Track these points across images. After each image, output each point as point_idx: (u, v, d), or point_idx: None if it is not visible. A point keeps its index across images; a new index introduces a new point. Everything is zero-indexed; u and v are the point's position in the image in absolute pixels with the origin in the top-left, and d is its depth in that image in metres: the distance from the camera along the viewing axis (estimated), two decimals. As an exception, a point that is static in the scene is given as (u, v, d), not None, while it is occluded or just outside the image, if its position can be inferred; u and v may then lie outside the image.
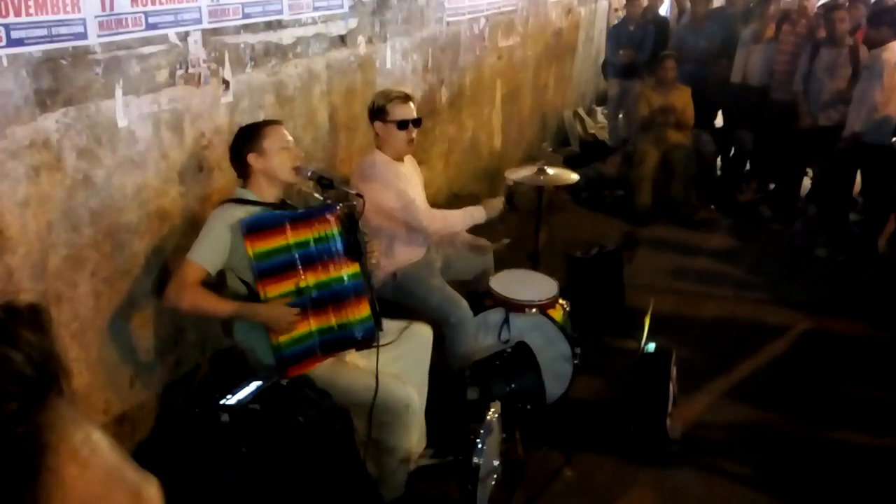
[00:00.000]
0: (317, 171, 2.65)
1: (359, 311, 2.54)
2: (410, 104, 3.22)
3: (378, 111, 3.20)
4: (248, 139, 2.57)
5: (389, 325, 2.74)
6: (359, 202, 2.58)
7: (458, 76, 5.24)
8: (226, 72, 2.95)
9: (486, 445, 2.51)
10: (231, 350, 2.70)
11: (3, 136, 2.13)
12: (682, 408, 3.40)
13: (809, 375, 3.84)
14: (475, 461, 2.46)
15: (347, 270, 2.52)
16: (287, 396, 2.29)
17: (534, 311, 3.39)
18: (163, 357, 2.89)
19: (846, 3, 5.88)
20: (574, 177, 3.89)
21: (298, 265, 2.46)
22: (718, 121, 7.05)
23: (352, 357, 2.67)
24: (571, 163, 6.28)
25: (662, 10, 8.30)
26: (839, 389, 3.72)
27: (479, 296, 3.52)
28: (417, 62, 4.61)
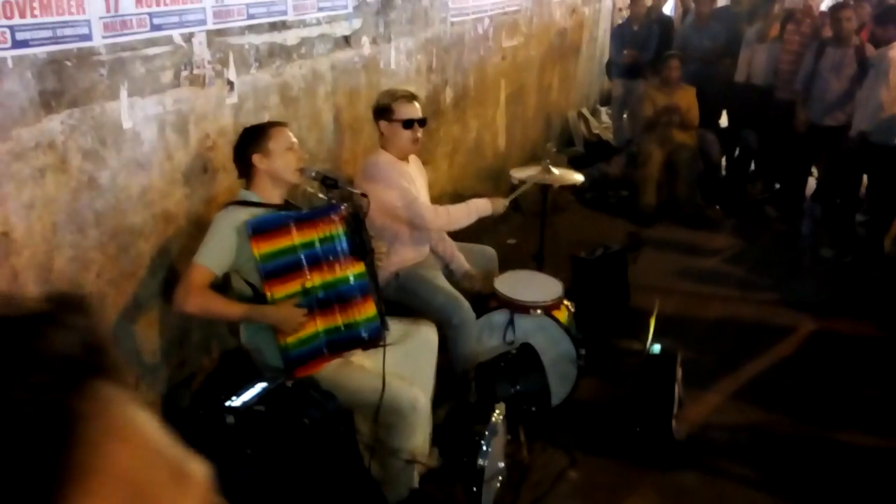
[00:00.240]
0: (321, 172, 2.65)
1: (365, 311, 2.55)
2: (416, 104, 3.22)
3: (383, 110, 3.19)
4: (254, 140, 2.57)
5: (395, 325, 2.74)
6: (364, 202, 2.58)
7: (463, 76, 5.24)
8: (230, 73, 2.95)
9: (491, 447, 2.51)
10: (239, 350, 2.70)
11: (9, 138, 2.13)
12: (688, 409, 3.39)
13: (815, 376, 3.82)
14: (480, 463, 2.46)
15: (353, 270, 2.53)
16: (292, 398, 2.28)
17: (538, 313, 3.38)
18: (167, 358, 2.89)
19: (852, 2, 5.86)
20: (578, 177, 3.88)
21: (304, 266, 2.47)
22: (723, 121, 7.03)
23: (358, 357, 2.67)
24: (576, 163, 6.26)
25: (667, 10, 8.27)
26: (845, 391, 3.71)
27: (484, 297, 3.51)
28: (422, 62, 4.60)
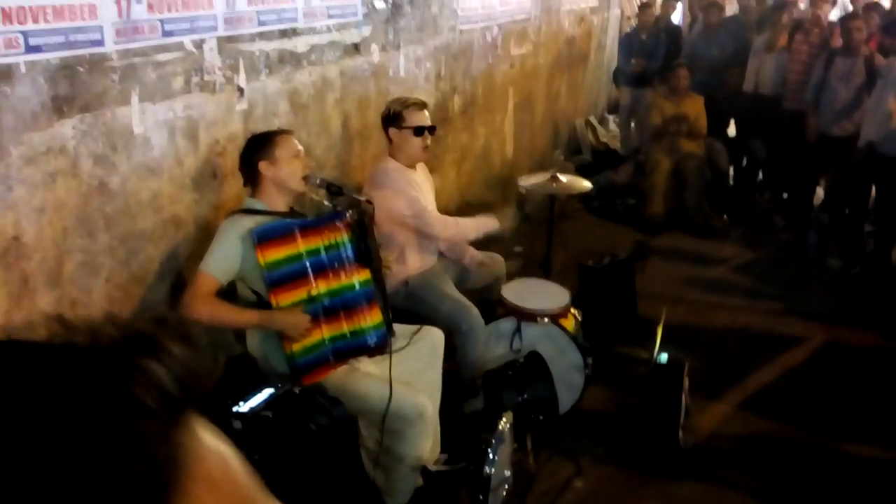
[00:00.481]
0: (325, 179, 2.66)
1: (371, 318, 2.55)
2: (426, 112, 3.23)
3: (394, 117, 3.20)
4: (260, 147, 2.57)
5: (401, 330, 2.74)
6: (369, 208, 2.58)
7: (471, 84, 5.25)
8: (240, 79, 2.97)
9: (498, 455, 2.50)
10: (245, 356, 2.70)
11: (21, 143, 2.15)
12: (695, 419, 3.38)
13: (823, 387, 3.80)
14: (486, 471, 2.45)
15: (358, 277, 2.53)
16: (299, 404, 2.28)
17: (545, 321, 3.37)
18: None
19: (861, 12, 5.86)
20: (586, 185, 3.88)
21: (310, 273, 2.47)
22: (731, 130, 7.02)
23: (364, 364, 2.67)
24: (583, 171, 6.23)
25: (675, 19, 8.28)
26: (852, 401, 3.68)
27: (491, 304, 3.51)
28: (430, 70, 4.61)
